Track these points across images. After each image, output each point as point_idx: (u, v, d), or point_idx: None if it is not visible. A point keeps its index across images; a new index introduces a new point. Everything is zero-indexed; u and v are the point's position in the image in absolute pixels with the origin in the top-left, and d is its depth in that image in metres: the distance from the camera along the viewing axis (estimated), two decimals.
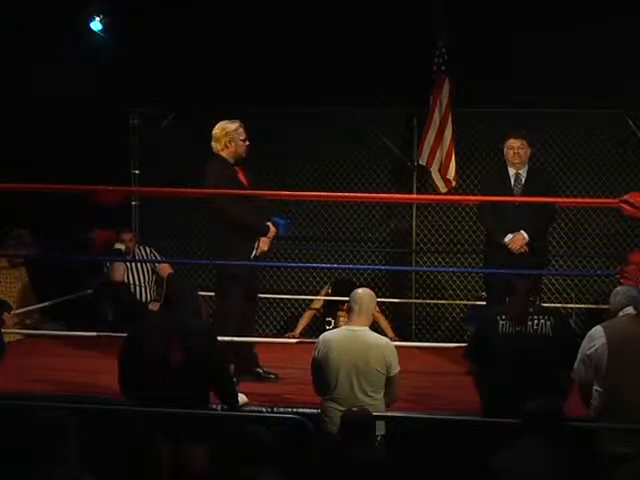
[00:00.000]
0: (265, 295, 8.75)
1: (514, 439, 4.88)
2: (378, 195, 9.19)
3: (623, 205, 6.15)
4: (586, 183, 9.18)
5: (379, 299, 7.19)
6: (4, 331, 6.49)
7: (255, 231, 7.07)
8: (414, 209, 9.48)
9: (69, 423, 4.37)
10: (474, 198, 8.37)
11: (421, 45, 8.93)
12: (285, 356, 7.63)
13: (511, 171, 7.57)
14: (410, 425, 6.10)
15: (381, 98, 9.09)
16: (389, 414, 5.82)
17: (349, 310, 5.93)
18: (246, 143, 7.07)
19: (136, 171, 9.65)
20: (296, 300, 9.56)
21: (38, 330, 8.53)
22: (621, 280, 7.23)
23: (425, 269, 9.63)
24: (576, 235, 9.28)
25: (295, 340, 8.39)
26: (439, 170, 8.96)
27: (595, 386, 5.49)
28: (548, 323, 5.81)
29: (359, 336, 5.80)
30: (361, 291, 5.96)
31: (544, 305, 6.10)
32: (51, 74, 8.99)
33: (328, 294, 9.12)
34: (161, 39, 9.10)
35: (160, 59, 9.22)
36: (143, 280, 8.95)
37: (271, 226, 7.09)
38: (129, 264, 8.93)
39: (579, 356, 5.54)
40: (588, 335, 5.55)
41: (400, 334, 8.87)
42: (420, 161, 9.09)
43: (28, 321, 8.79)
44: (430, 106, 8.92)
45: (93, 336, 7.81)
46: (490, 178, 8.06)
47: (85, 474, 4.33)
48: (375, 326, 6.68)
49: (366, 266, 9.62)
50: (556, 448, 4.77)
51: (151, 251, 9.07)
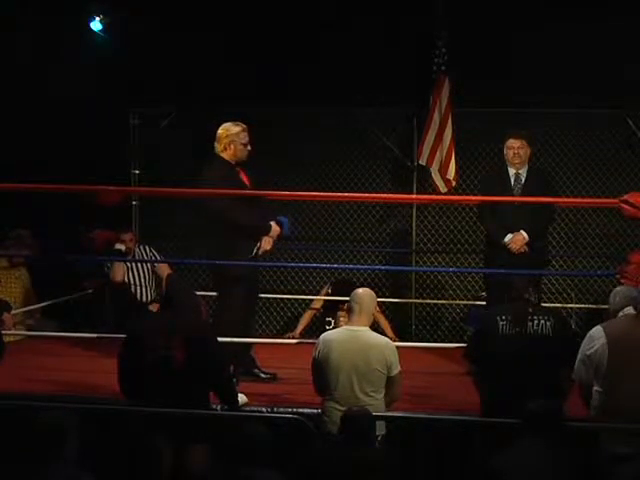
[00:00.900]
0: (265, 295, 8.74)
1: (514, 439, 4.88)
2: (378, 195, 9.20)
3: (623, 205, 6.15)
4: (586, 183, 9.18)
5: (379, 299, 7.19)
6: (4, 332, 6.49)
7: (257, 231, 7.07)
8: (414, 209, 9.48)
9: (69, 423, 4.38)
10: (474, 198, 8.37)
11: (421, 45, 8.93)
12: (285, 356, 7.62)
13: (511, 171, 7.57)
14: (410, 425, 6.10)
15: (381, 98, 9.08)
16: (389, 414, 5.81)
17: (349, 310, 5.93)
18: (247, 148, 7.06)
19: (136, 171, 9.65)
20: (296, 300, 9.56)
21: (38, 330, 8.54)
22: (621, 280, 7.22)
23: (425, 269, 9.63)
24: (576, 235, 9.28)
25: (295, 340, 8.39)
26: (439, 170, 8.95)
27: (595, 386, 5.49)
28: (548, 323, 5.81)
29: (359, 336, 5.80)
30: (361, 291, 5.96)
31: (544, 305, 6.09)
32: (51, 74, 8.99)
33: (328, 294, 9.12)
34: (161, 39, 9.11)
35: (160, 59, 9.22)
36: (143, 280, 8.95)
37: (274, 225, 7.09)
38: (129, 264, 8.93)
39: (579, 356, 5.53)
40: (588, 335, 5.55)
41: (400, 334, 8.87)
42: (420, 161, 9.08)
43: (29, 321, 8.80)
44: (430, 106, 8.92)
45: (93, 336, 7.82)
46: (490, 178, 8.05)
47: (85, 474, 4.33)
48: (375, 326, 6.68)
49: (366, 266, 9.62)
50: (556, 448, 4.77)
51: (151, 251, 9.07)
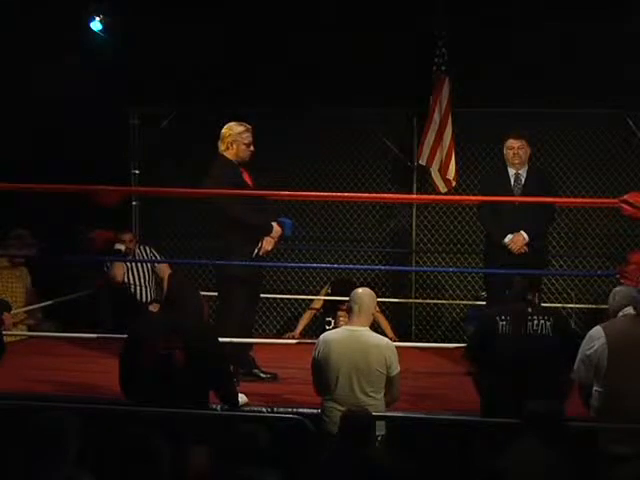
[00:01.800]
0: (265, 295, 8.74)
1: (514, 439, 4.88)
2: (378, 195, 9.19)
3: (623, 205, 6.15)
4: (586, 183, 9.18)
5: (379, 299, 7.18)
6: (4, 332, 6.49)
7: (258, 231, 7.07)
8: (414, 209, 9.48)
9: (69, 423, 4.38)
10: (474, 198, 8.36)
11: (421, 45, 8.93)
12: (285, 356, 7.63)
13: (511, 171, 7.57)
14: (410, 425, 6.10)
15: (381, 98, 9.08)
16: (389, 414, 5.82)
17: (349, 310, 5.93)
18: (250, 148, 7.07)
19: (136, 171, 9.65)
20: (296, 300, 9.56)
21: (38, 330, 8.54)
22: (621, 280, 7.23)
23: (425, 269, 9.63)
24: (576, 235, 9.28)
25: (295, 340, 8.40)
26: (439, 170, 8.96)
27: (595, 386, 5.49)
28: (548, 323, 5.81)
29: (359, 336, 5.80)
30: (361, 291, 5.96)
31: (544, 305, 6.09)
32: (51, 74, 8.99)
33: (328, 294, 9.12)
34: (161, 39, 9.10)
35: (160, 59, 9.22)
36: (143, 280, 8.95)
37: (276, 226, 7.10)
38: (129, 264, 8.93)
39: (579, 356, 5.54)
40: (588, 335, 5.55)
41: (400, 334, 8.87)
42: (420, 161, 9.09)
43: (30, 321, 8.79)
44: (430, 106, 8.92)
45: (93, 336, 7.82)
46: (490, 178, 8.06)
47: (85, 474, 4.33)
48: (375, 326, 6.68)
49: (366, 266, 9.62)
50: (556, 448, 4.77)
51: (151, 251, 9.07)
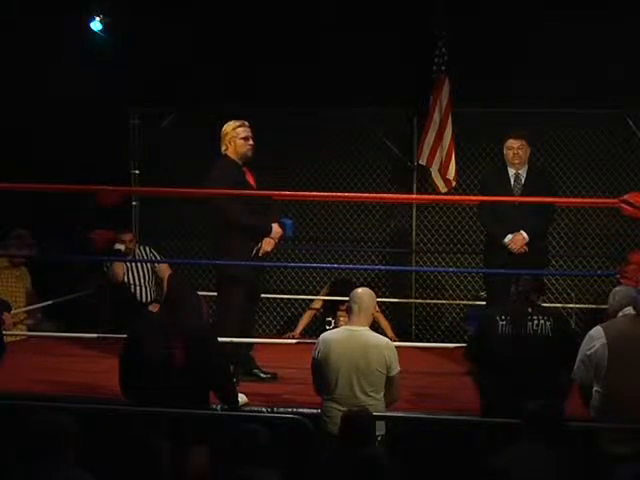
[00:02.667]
0: (265, 295, 8.74)
1: (514, 439, 4.88)
2: (378, 195, 9.19)
3: (623, 205, 6.15)
4: (586, 183, 9.18)
5: (379, 299, 7.19)
6: (4, 332, 6.49)
7: (256, 231, 7.07)
8: (414, 209, 9.48)
9: (69, 423, 4.38)
10: (474, 198, 8.36)
11: (421, 45, 8.93)
12: (285, 356, 7.63)
13: (511, 171, 7.57)
14: (410, 425, 6.10)
15: (381, 98, 9.08)
16: (389, 414, 5.81)
17: (349, 310, 5.92)
18: (248, 142, 7.07)
19: (136, 171, 9.65)
20: (296, 300, 9.56)
21: (38, 330, 8.54)
22: (621, 280, 7.23)
23: (425, 269, 9.63)
24: (576, 235, 9.28)
25: (295, 340, 8.39)
26: (439, 170, 8.96)
27: (595, 386, 5.50)
28: (548, 323, 5.81)
29: (359, 336, 5.80)
30: (361, 291, 5.96)
31: (544, 305, 6.09)
32: (51, 74, 8.99)
33: (328, 294, 9.12)
34: (161, 39, 9.10)
35: (160, 59, 9.22)
36: (143, 280, 8.94)
37: (276, 226, 7.09)
38: (129, 264, 8.93)
39: (579, 356, 5.54)
40: (588, 335, 5.55)
41: (400, 334, 8.87)
42: (420, 161, 9.08)
43: (29, 321, 8.79)
44: (430, 106, 8.92)
45: (93, 336, 7.83)
46: (490, 178, 8.05)
47: (85, 474, 4.33)
48: (375, 326, 6.68)
49: (366, 266, 9.62)
50: (556, 448, 4.77)
51: (151, 251, 9.07)
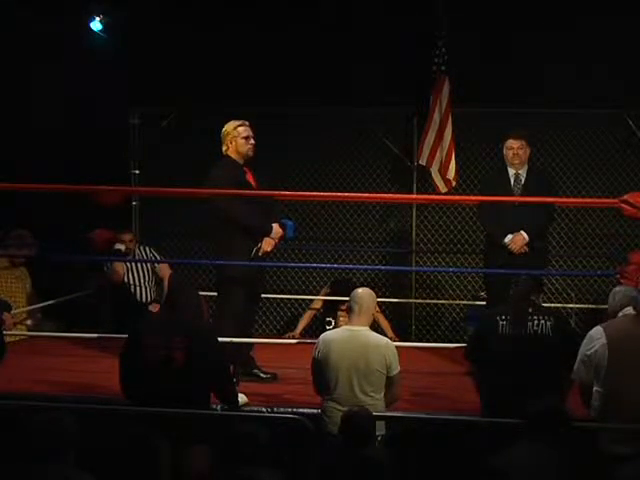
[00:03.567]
0: (265, 295, 8.73)
1: (514, 439, 4.88)
2: (378, 195, 9.19)
3: (623, 205, 6.15)
4: (586, 183, 9.18)
5: (379, 299, 7.18)
6: (4, 332, 6.49)
7: (256, 231, 7.07)
8: (414, 209, 9.48)
9: (69, 423, 4.38)
10: (474, 198, 8.36)
11: (421, 45, 8.93)
12: (285, 356, 7.63)
13: (511, 171, 7.57)
14: (410, 425, 6.10)
15: (381, 98, 9.08)
16: (389, 414, 5.81)
17: (349, 310, 5.92)
18: (249, 142, 7.08)
19: (136, 171, 9.65)
20: (296, 300, 9.56)
21: (38, 330, 8.54)
22: (621, 280, 7.23)
23: (425, 269, 9.63)
24: (576, 235, 9.28)
25: (295, 340, 8.40)
26: (439, 170, 8.95)
27: (595, 386, 5.49)
28: (548, 323, 5.81)
29: (359, 336, 5.80)
30: (361, 291, 5.96)
31: (544, 305, 6.09)
32: (51, 74, 8.99)
33: (328, 294, 9.12)
34: (161, 39, 9.11)
35: (160, 59, 9.22)
36: (143, 280, 8.94)
37: (276, 227, 7.09)
38: (129, 264, 8.93)
39: (579, 356, 5.54)
40: (588, 335, 5.55)
41: (400, 334, 8.87)
42: (420, 161, 9.08)
43: (29, 321, 8.79)
44: (430, 106, 8.92)
45: (93, 336, 7.83)
46: (490, 178, 8.06)
47: (85, 474, 4.33)
48: (375, 326, 6.68)
49: (366, 266, 9.62)
50: (556, 448, 4.77)
51: (151, 252, 9.07)
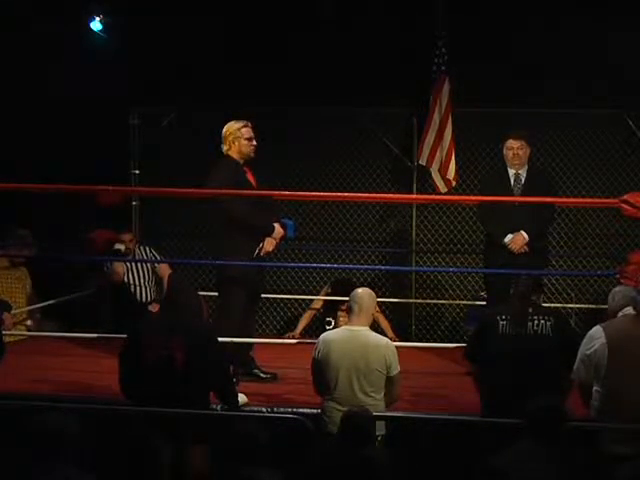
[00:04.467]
0: (265, 295, 8.73)
1: (514, 439, 4.88)
2: (378, 195, 9.19)
3: (623, 205, 6.16)
4: (586, 183, 9.18)
5: (379, 299, 7.19)
6: (4, 332, 6.49)
7: (259, 231, 7.07)
8: (414, 209, 9.48)
9: (69, 423, 4.38)
10: (474, 198, 8.36)
11: (421, 45, 8.93)
12: (285, 356, 7.63)
13: (511, 171, 7.57)
14: (410, 425, 6.10)
15: (381, 98, 9.08)
16: (389, 414, 5.82)
17: (349, 310, 5.93)
18: (252, 143, 7.10)
19: (136, 171, 9.65)
20: (296, 300, 9.56)
21: (38, 330, 8.54)
22: (621, 280, 7.22)
23: (425, 269, 9.63)
24: (576, 235, 9.28)
25: (295, 340, 8.40)
26: (439, 170, 8.96)
27: (595, 386, 5.49)
28: (548, 323, 5.81)
29: (359, 336, 5.80)
30: (361, 291, 5.96)
31: (544, 305, 6.09)
32: (51, 74, 8.99)
33: (328, 294, 9.12)
34: (161, 39, 9.11)
35: (160, 59, 9.22)
36: (143, 280, 8.94)
37: (277, 227, 7.10)
38: (129, 264, 8.93)
39: (579, 356, 5.54)
40: (588, 335, 5.55)
41: (400, 334, 8.87)
42: (420, 161, 9.09)
43: (29, 321, 8.79)
44: (430, 106, 8.92)
45: (93, 336, 7.83)
46: (490, 178, 8.05)
47: (85, 474, 4.33)
48: (375, 326, 6.68)
49: (366, 266, 9.61)
50: (556, 448, 4.77)
51: (151, 252, 9.07)
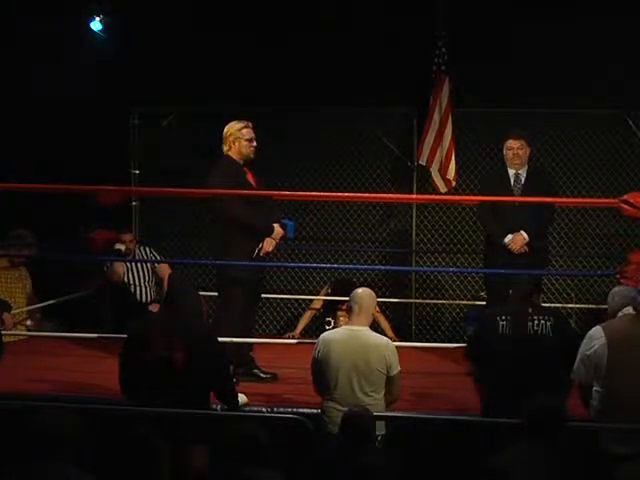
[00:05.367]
0: (265, 295, 8.73)
1: (514, 439, 4.88)
2: (378, 195, 9.19)
3: (623, 205, 6.15)
4: (586, 183, 9.18)
5: (379, 299, 7.19)
6: (4, 332, 6.49)
7: (258, 231, 7.07)
8: (414, 209, 9.48)
9: (69, 423, 4.38)
10: (474, 198, 8.36)
11: (421, 45, 8.93)
12: (285, 356, 7.63)
13: (511, 171, 7.57)
14: (410, 425, 6.10)
15: (381, 98, 9.09)
16: (389, 414, 5.82)
17: (349, 310, 5.93)
18: (252, 144, 7.09)
19: (136, 171, 9.65)
20: (296, 300, 9.56)
21: (38, 330, 8.54)
22: (621, 280, 7.22)
23: (425, 269, 9.63)
24: (576, 235, 9.28)
25: (295, 340, 8.40)
26: (439, 170, 8.96)
27: (595, 386, 5.49)
28: (548, 323, 5.81)
29: (359, 336, 5.80)
30: (361, 291, 5.96)
31: (544, 305, 6.10)
32: (51, 74, 8.99)
33: (328, 294, 9.12)
34: (161, 39, 9.11)
35: (160, 59, 9.22)
36: (143, 281, 8.94)
37: (277, 227, 7.10)
38: (129, 265, 8.93)
39: (579, 356, 5.54)
40: (588, 335, 5.55)
41: (400, 334, 8.87)
42: (420, 161, 9.09)
43: (29, 322, 8.79)
44: (430, 106, 8.92)
45: (93, 336, 7.83)
46: (490, 178, 8.05)
47: (85, 474, 4.33)
48: (375, 326, 6.68)
49: (366, 266, 9.62)
50: (556, 448, 4.77)
51: (151, 252, 9.07)
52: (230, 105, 8.44)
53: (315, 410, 5.99)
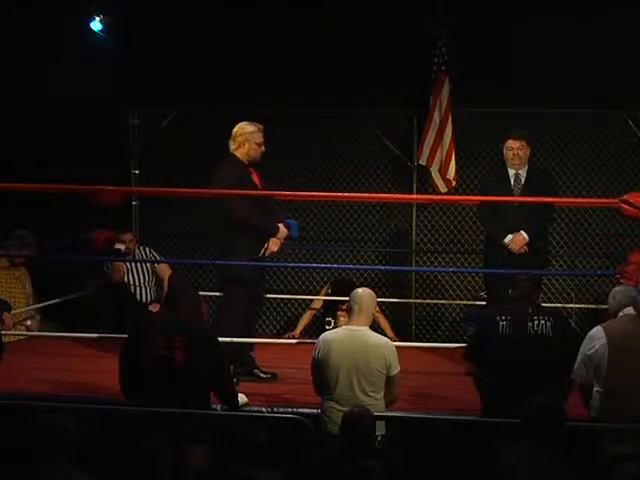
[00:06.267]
0: (265, 295, 8.75)
1: (514, 439, 4.88)
2: (378, 195, 9.19)
3: (623, 205, 6.16)
4: (586, 183, 9.18)
5: (379, 299, 7.19)
6: (4, 332, 6.49)
7: (263, 232, 7.08)
8: (414, 209, 9.47)
9: (69, 423, 4.38)
10: (474, 198, 8.36)
11: (421, 45, 8.92)
12: (285, 356, 7.63)
13: (511, 171, 7.57)
14: (410, 425, 6.10)
15: (381, 98, 9.08)
16: (389, 414, 5.82)
17: (349, 310, 5.93)
18: (261, 148, 7.10)
19: (136, 171, 9.65)
20: (296, 300, 9.56)
21: (38, 330, 8.54)
22: (621, 280, 7.22)
23: (425, 269, 9.62)
24: (576, 235, 9.28)
25: (295, 340, 8.40)
26: (439, 170, 8.95)
27: (595, 386, 5.50)
28: (548, 323, 5.81)
29: (359, 336, 5.80)
30: (361, 291, 5.96)
31: (544, 305, 6.09)
32: (51, 74, 8.99)
33: (328, 294, 9.12)
34: (161, 39, 9.11)
35: (160, 59, 9.22)
36: (143, 281, 8.94)
37: (282, 227, 7.10)
38: (129, 265, 8.93)
39: (579, 356, 5.54)
40: (588, 336, 5.55)
41: (400, 334, 8.87)
42: (420, 161, 9.08)
43: (29, 322, 8.79)
44: (430, 106, 8.92)
45: (93, 336, 7.83)
46: (490, 178, 8.06)
47: (85, 474, 4.33)
48: (375, 326, 6.68)
49: (366, 266, 9.61)
50: (556, 448, 4.77)
51: (151, 252, 9.06)
52: (230, 105, 8.43)
53: (315, 410, 5.99)
